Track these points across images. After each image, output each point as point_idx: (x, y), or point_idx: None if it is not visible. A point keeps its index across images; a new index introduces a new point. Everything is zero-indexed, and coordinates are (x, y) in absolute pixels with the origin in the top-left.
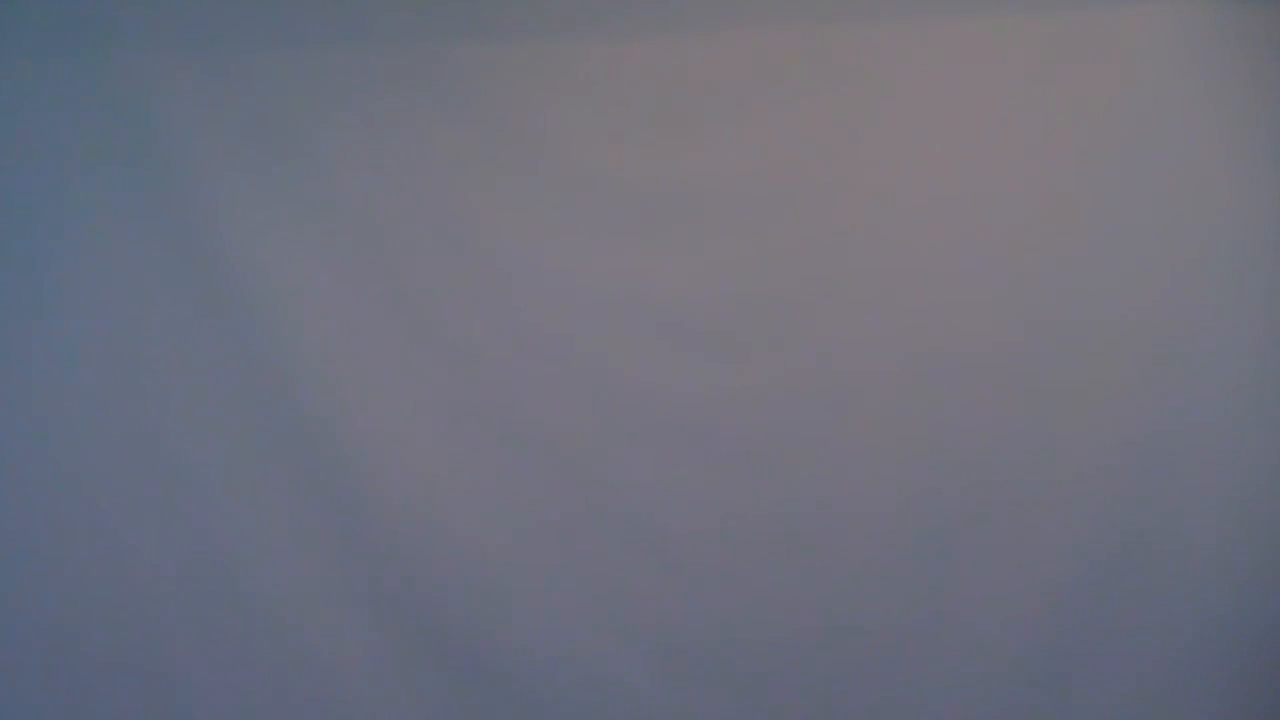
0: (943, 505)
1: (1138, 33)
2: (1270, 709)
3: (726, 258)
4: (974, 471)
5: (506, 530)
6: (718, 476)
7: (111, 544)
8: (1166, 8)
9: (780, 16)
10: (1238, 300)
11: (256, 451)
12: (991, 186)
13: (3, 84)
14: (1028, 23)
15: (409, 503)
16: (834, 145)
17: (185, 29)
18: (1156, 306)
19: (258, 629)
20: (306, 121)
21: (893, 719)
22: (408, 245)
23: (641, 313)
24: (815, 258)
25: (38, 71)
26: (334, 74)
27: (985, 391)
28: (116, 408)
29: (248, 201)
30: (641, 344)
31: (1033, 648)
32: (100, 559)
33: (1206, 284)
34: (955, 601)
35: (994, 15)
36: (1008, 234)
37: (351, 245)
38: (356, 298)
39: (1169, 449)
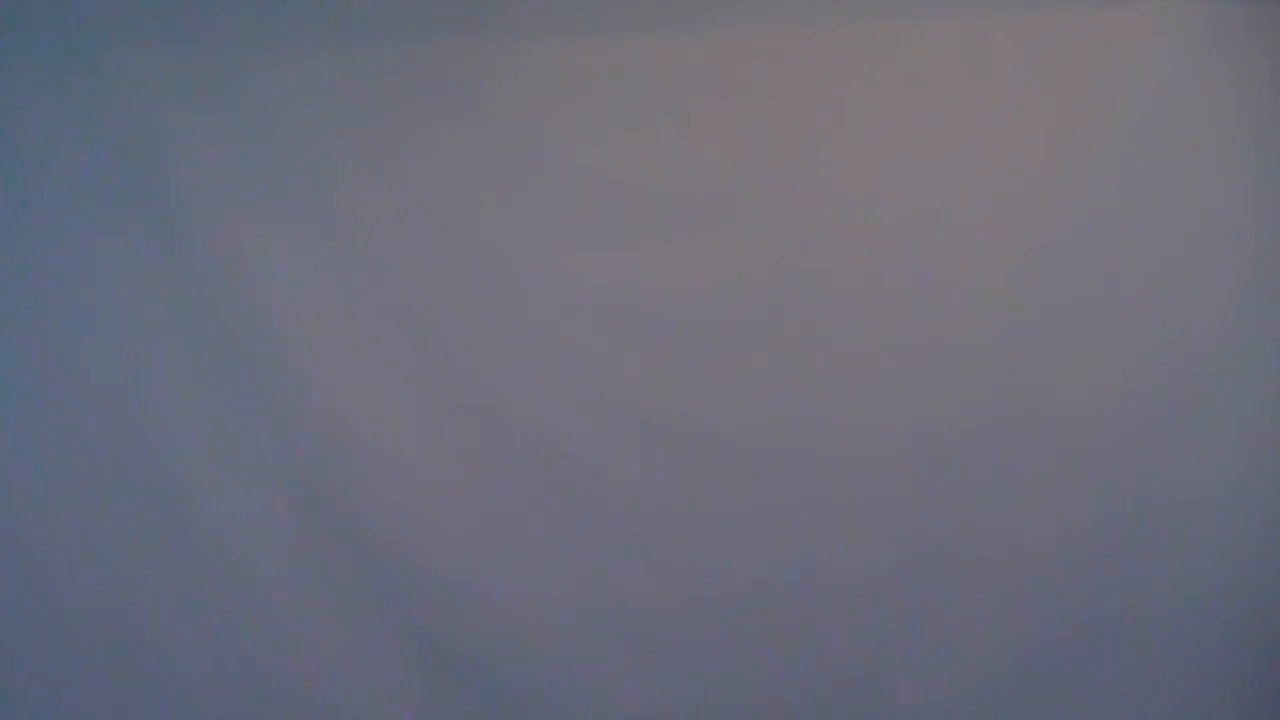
0: (934, 504)
1: (1137, 33)
2: (1271, 708)
3: (719, 257)
4: (966, 471)
5: (497, 527)
6: (709, 477)
7: (102, 541)
8: (1166, 8)
9: (771, 14)
10: (1237, 298)
11: (251, 452)
12: (985, 185)
13: None
14: (1026, 22)
15: (400, 501)
16: (829, 143)
17: (181, 30)
18: (1155, 305)
19: (250, 628)
20: (299, 121)
21: (886, 718)
22: (399, 244)
23: (632, 312)
24: (806, 257)
25: (31, 73)
26: (327, 75)
27: (977, 392)
28: (108, 407)
29: (242, 201)
30: (632, 343)
31: (1029, 646)
32: (92, 558)
33: (1206, 282)
34: (948, 600)
35: (993, 13)
36: (1001, 233)
37: (344, 244)
38: (349, 297)
39: (1166, 448)
